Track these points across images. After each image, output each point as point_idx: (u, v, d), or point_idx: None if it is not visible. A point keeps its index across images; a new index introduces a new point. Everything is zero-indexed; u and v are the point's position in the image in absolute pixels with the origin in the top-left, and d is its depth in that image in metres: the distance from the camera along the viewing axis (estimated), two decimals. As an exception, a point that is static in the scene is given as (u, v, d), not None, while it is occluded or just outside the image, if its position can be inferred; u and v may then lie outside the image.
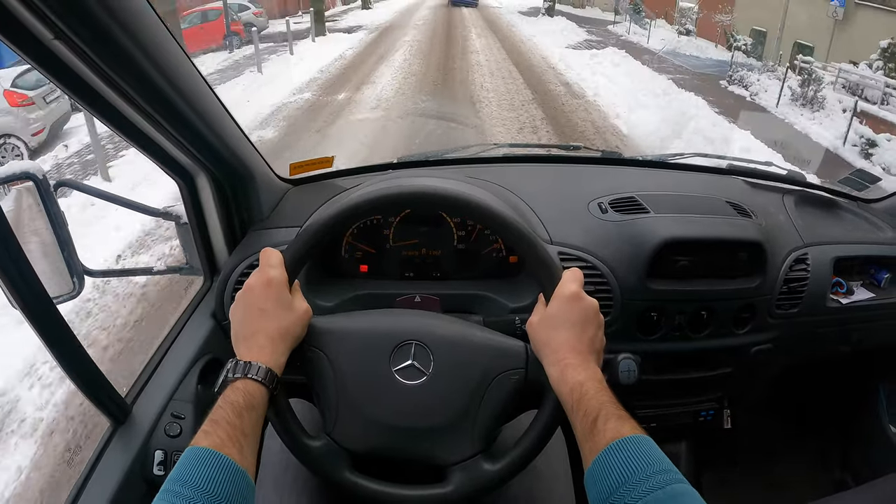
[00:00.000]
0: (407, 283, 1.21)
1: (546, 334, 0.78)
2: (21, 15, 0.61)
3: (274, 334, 0.74)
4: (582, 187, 1.32)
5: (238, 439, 0.63)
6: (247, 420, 0.66)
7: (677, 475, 0.60)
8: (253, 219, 1.20)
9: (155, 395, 0.97)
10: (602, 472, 0.62)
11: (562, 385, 0.73)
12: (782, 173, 1.52)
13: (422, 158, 1.49)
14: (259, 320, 0.75)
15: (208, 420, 0.65)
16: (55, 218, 0.92)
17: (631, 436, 0.64)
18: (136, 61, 0.74)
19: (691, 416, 1.36)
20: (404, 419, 0.78)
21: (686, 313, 1.19)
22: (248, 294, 0.77)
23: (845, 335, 1.38)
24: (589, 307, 0.79)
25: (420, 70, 11.32)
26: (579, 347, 0.76)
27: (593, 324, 0.78)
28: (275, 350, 0.74)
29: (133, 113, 0.83)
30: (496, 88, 9.91)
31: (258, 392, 0.69)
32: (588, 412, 0.68)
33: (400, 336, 0.81)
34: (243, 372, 0.70)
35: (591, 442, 0.65)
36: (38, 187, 0.89)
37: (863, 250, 1.36)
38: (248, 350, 0.73)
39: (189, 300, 1.17)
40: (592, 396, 0.69)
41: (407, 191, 0.85)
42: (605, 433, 0.65)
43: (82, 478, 0.85)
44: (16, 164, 0.91)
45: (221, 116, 0.98)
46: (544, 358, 0.77)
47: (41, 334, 0.74)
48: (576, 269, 0.83)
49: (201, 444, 0.61)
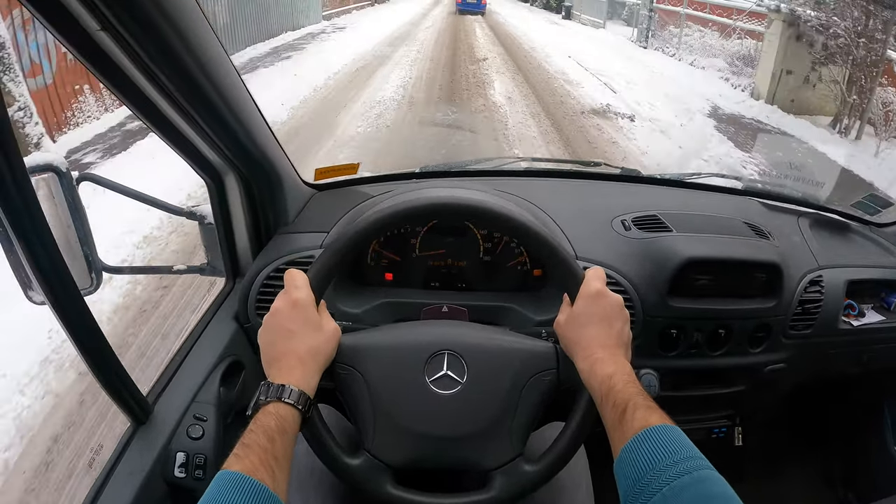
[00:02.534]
0: (432, 292, 1.21)
1: (574, 332, 0.80)
2: (69, 4, 0.61)
3: (304, 355, 0.74)
4: (604, 204, 1.33)
5: (270, 464, 0.63)
6: (279, 444, 0.65)
7: (704, 461, 0.61)
8: (279, 222, 1.20)
9: (177, 396, 0.96)
10: (630, 460, 0.63)
11: (592, 379, 0.74)
12: (797, 195, 1.54)
13: (444, 169, 1.50)
14: (288, 342, 0.75)
15: (240, 444, 0.64)
16: (76, 212, 0.90)
17: (659, 425, 0.65)
18: (178, 57, 0.74)
19: (705, 432, 1.36)
20: (442, 428, 0.79)
21: (704, 331, 1.20)
22: (275, 316, 0.77)
23: (855, 356, 1.39)
24: (614, 303, 0.81)
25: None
26: (607, 342, 0.77)
27: (619, 318, 0.80)
28: (306, 371, 0.73)
29: (169, 109, 0.83)
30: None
31: (290, 415, 0.69)
32: (617, 403, 0.69)
33: (432, 347, 0.81)
34: (276, 395, 0.69)
35: (620, 431, 0.66)
36: (60, 180, 0.87)
37: (874, 274, 1.38)
38: (279, 372, 0.73)
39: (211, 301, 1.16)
40: (621, 389, 0.70)
41: (431, 202, 0.86)
42: (633, 423, 0.66)
43: (102, 477, 0.84)
44: (39, 156, 0.89)
45: (255, 118, 0.98)
46: (574, 355, 0.79)
47: (67, 328, 0.73)
48: (598, 267, 0.85)
49: (233, 468, 0.61)
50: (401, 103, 7.24)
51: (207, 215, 1.11)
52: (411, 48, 11.94)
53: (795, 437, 1.79)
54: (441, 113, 6.92)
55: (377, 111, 6.79)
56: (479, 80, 8.96)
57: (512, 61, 10.93)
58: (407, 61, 10.23)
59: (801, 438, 1.79)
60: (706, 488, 0.58)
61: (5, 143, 0.56)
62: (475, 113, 7.01)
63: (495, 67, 10.09)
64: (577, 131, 6.34)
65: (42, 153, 0.91)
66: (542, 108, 7.28)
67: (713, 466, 0.60)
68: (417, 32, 15.11)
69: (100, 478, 0.84)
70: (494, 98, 7.75)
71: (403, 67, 9.63)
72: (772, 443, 1.74)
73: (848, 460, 1.71)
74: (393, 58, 10.57)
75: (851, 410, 1.70)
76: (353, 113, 6.65)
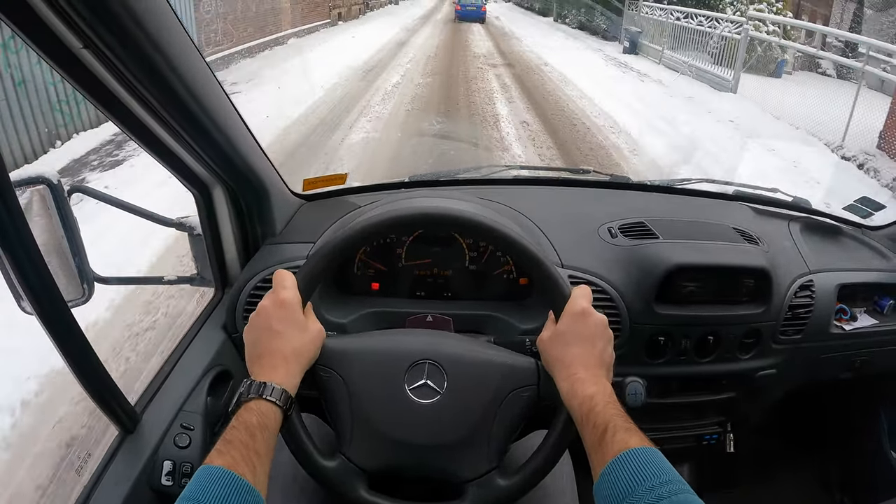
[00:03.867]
0: (418, 301, 1.22)
1: (557, 350, 0.80)
2: (52, 23, 0.63)
3: (288, 355, 0.75)
4: (592, 211, 1.33)
5: (251, 459, 0.64)
6: (260, 440, 0.67)
7: (683, 485, 0.61)
8: (266, 233, 1.21)
9: (164, 406, 0.97)
10: (609, 482, 0.63)
11: (572, 399, 0.74)
12: (788, 200, 1.53)
13: (434, 178, 1.50)
14: (273, 341, 0.76)
15: (222, 439, 0.65)
16: (68, 223, 0.92)
17: (638, 447, 0.65)
18: (161, 73, 0.75)
19: (695, 439, 1.36)
20: (419, 437, 0.79)
21: (692, 338, 1.20)
22: (261, 315, 0.78)
23: (848, 361, 1.38)
24: (598, 323, 0.81)
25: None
26: (589, 362, 0.78)
27: (602, 339, 0.80)
28: (289, 370, 0.75)
29: (155, 124, 0.84)
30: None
31: (272, 412, 0.70)
32: (597, 425, 0.69)
33: (414, 356, 0.82)
34: (257, 392, 0.71)
35: (600, 454, 0.67)
36: (52, 192, 0.89)
37: (867, 277, 1.37)
38: (262, 370, 0.74)
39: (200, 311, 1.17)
40: (601, 410, 0.70)
41: (417, 212, 0.87)
42: (613, 445, 0.66)
43: (90, 485, 0.85)
44: (31, 168, 0.91)
45: (240, 130, 1.00)
46: (556, 373, 0.79)
47: (55, 339, 0.74)
48: (584, 285, 0.85)
49: (215, 463, 0.62)
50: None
51: (196, 226, 1.12)
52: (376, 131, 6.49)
53: (790, 443, 1.78)
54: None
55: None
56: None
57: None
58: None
59: (795, 444, 1.78)
60: None
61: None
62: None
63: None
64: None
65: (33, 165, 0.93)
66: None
67: (692, 490, 0.61)
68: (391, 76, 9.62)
69: (87, 485, 0.85)
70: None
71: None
72: (766, 448, 1.73)
73: (844, 465, 1.69)
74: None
75: (847, 415, 1.69)
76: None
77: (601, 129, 7.06)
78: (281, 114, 6.74)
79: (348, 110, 7.40)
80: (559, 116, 7.63)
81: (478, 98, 8.54)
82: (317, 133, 6.41)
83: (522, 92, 9.06)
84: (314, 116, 7.03)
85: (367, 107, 7.65)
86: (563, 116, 7.63)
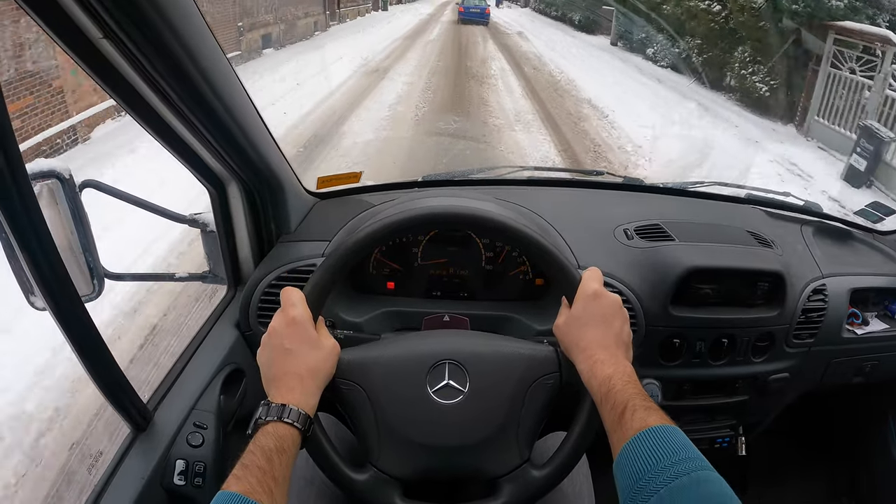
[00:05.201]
0: (434, 301, 1.21)
1: (574, 334, 0.80)
2: (72, 11, 0.62)
3: (303, 373, 0.74)
4: (606, 213, 1.33)
5: (268, 484, 0.63)
6: (277, 464, 0.65)
7: (703, 462, 0.60)
8: (280, 231, 1.20)
9: (177, 404, 0.96)
10: (629, 460, 0.63)
11: (592, 380, 0.74)
12: (800, 204, 1.53)
13: (448, 178, 1.50)
14: (286, 361, 0.75)
15: (239, 464, 0.64)
16: (79, 218, 0.91)
17: (658, 426, 0.64)
18: (181, 65, 0.74)
19: (708, 442, 1.35)
20: (447, 439, 0.79)
21: (707, 341, 1.19)
22: (272, 336, 0.77)
23: (859, 366, 1.38)
24: (613, 302, 0.81)
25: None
26: (607, 342, 0.77)
27: (618, 318, 0.80)
28: (305, 390, 0.73)
29: (172, 118, 0.83)
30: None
31: (289, 435, 0.69)
32: (616, 404, 0.69)
33: (432, 358, 0.81)
34: (274, 415, 0.70)
35: (619, 433, 0.66)
36: (63, 186, 0.88)
37: (878, 282, 1.37)
38: (279, 392, 0.73)
39: (213, 309, 1.16)
40: (620, 389, 0.70)
41: (417, 214, 0.85)
42: (632, 423, 0.66)
43: (101, 483, 0.84)
44: (43, 163, 0.90)
45: (258, 126, 0.99)
46: (574, 357, 0.79)
47: (68, 335, 0.73)
48: (594, 268, 0.85)
49: (232, 489, 0.61)
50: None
51: (209, 223, 1.11)
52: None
53: (800, 448, 1.78)
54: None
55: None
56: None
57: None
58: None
59: (805, 448, 1.78)
60: (705, 489, 0.58)
61: (7, 150, 0.56)
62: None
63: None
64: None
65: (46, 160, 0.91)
66: None
67: (712, 467, 0.60)
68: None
69: (99, 484, 0.84)
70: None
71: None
72: (776, 453, 1.73)
73: (853, 470, 1.69)
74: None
75: (856, 419, 1.69)
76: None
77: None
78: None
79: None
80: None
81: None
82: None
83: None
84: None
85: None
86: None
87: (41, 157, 4.36)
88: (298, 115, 7.05)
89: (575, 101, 8.94)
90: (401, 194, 1.32)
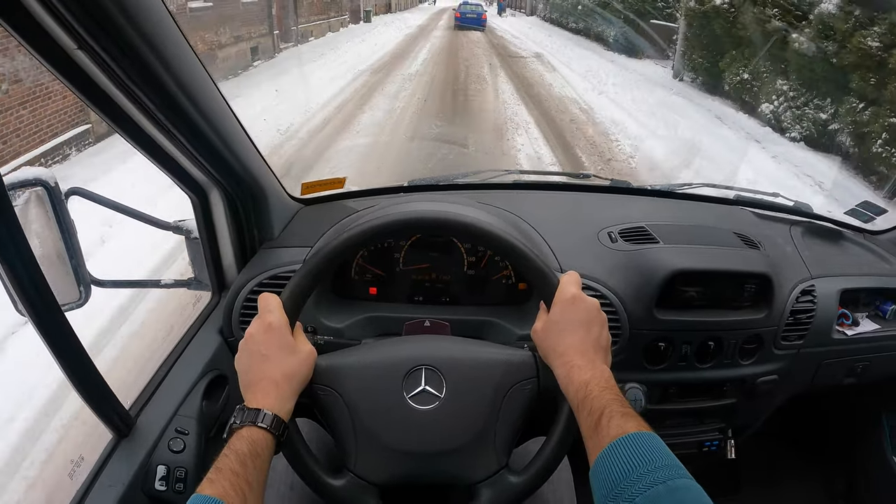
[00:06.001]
0: (416, 307, 1.21)
1: (551, 339, 0.79)
2: (46, 23, 0.62)
3: (279, 379, 0.75)
4: (592, 216, 1.33)
5: (242, 488, 0.63)
6: (251, 468, 0.66)
7: (681, 470, 0.60)
8: (264, 237, 1.21)
9: (159, 409, 0.96)
10: (605, 468, 0.62)
11: (568, 386, 0.74)
12: (789, 204, 1.53)
13: (433, 182, 1.49)
14: (262, 366, 0.75)
15: (213, 468, 0.65)
16: (65, 226, 0.92)
17: (635, 432, 0.64)
18: (157, 75, 0.75)
19: (696, 445, 1.34)
20: (424, 445, 0.79)
21: (693, 344, 1.19)
22: (249, 342, 0.77)
23: (850, 367, 1.37)
24: (591, 307, 0.80)
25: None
26: (585, 348, 0.77)
27: (596, 323, 0.80)
28: (280, 395, 0.74)
29: (151, 127, 0.84)
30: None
31: (263, 439, 0.69)
32: (592, 411, 0.68)
33: (408, 363, 0.81)
34: (249, 419, 0.70)
35: (596, 439, 0.66)
36: (49, 194, 0.89)
37: (869, 282, 1.37)
38: (255, 397, 0.73)
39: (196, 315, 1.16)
40: (597, 395, 0.70)
41: (395, 219, 0.85)
42: (609, 430, 0.65)
43: (83, 490, 0.84)
44: (30, 171, 0.91)
45: (238, 134, 0.99)
46: (552, 363, 0.79)
47: (48, 342, 0.74)
48: (572, 272, 0.84)
49: (205, 493, 0.61)
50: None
51: (193, 230, 1.12)
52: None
53: (793, 449, 1.77)
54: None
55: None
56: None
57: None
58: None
59: (799, 450, 1.77)
60: (681, 497, 0.57)
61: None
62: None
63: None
64: None
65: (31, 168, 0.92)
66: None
67: (690, 475, 0.60)
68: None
69: (80, 490, 0.84)
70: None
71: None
72: (769, 455, 1.72)
73: (847, 471, 1.68)
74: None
75: (849, 420, 1.68)
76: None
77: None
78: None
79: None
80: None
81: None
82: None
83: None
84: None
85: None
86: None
87: (48, 164, 4.21)
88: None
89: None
90: (385, 199, 1.33)
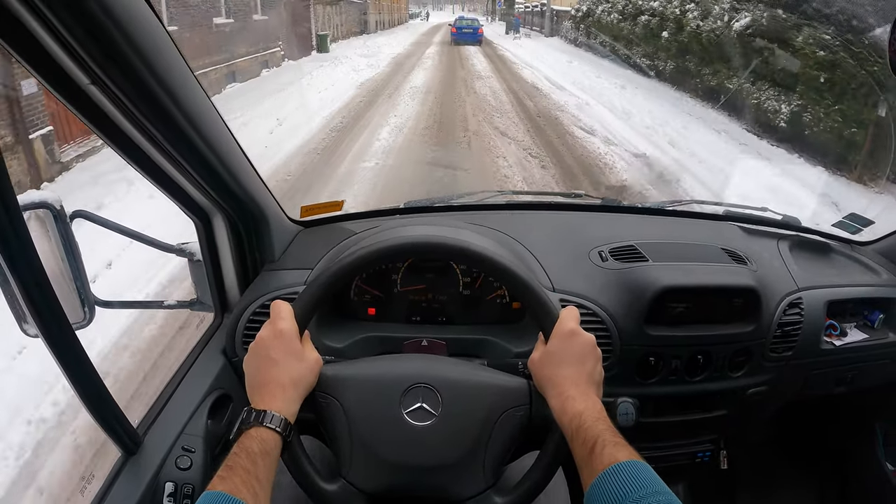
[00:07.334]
0: (413, 326, 1.24)
1: (548, 370, 0.82)
2: (61, 60, 0.66)
3: (286, 383, 0.78)
4: (583, 235, 1.36)
5: (252, 485, 0.66)
6: (261, 466, 0.69)
7: (671, 497, 0.63)
8: (265, 259, 1.24)
9: (166, 428, 0.98)
10: (598, 495, 0.65)
11: (562, 416, 0.77)
12: (777, 218, 1.56)
13: (429, 204, 1.53)
14: (271, 370, 0.79)
15: (224, 466, 0.68)
16: (70, 247, 0.94)
17: (626, 461, 0.67)
18: (165, 108, 0.78)
19: (688, 457, 1.36)
20: (417, 459, 0.82)
21: (682, 358, 1.21)
22: (259, 345, 0.81)
23: (840, 376, 1.40)
24: (587, 343, 0.83)
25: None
26: (579, 381, 0.80)
27: (591, 358, 0.83)
28: (287, 398, 0.77)
29: (158, 155, 0.88)
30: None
31: (272, 439, 0.73)
32: (586, 440, 0.71)
33: (408, 380, 0.84)
34: (258, 420, 0.73)
35: (589, 468, 0.69)
36: (54, 217, 0.91)
37: (856, 293, 1.39)
38: (262, 399, 0.77)
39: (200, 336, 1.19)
40: (591, 426, 0.73)
41: (408, 241, 0.90)
42: (601, 459, 0.68)
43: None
44: (35, 194, 0.94)
45: (240, 160, 1.03)
46: (547, 393, 0.82)
47: (60, 361, 0.76)
48: (572, 307, 0.88)
49: (217, 489, 0.64)
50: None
51: (196, 253, 1.15)
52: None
53: (786, 458, 1.78)
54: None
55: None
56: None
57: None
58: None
59: (791, 459, 1.78)
60: None
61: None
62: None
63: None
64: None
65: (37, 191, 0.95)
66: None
67: (680, 501, 0.62)
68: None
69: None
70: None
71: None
72: (762, 465, 1.73)
73: (841, 479, 1.69)
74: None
75: (842, 429, 1.70)
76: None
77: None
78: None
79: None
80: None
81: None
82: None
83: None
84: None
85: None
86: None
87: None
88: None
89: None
90: (383, 221, 1.36)
